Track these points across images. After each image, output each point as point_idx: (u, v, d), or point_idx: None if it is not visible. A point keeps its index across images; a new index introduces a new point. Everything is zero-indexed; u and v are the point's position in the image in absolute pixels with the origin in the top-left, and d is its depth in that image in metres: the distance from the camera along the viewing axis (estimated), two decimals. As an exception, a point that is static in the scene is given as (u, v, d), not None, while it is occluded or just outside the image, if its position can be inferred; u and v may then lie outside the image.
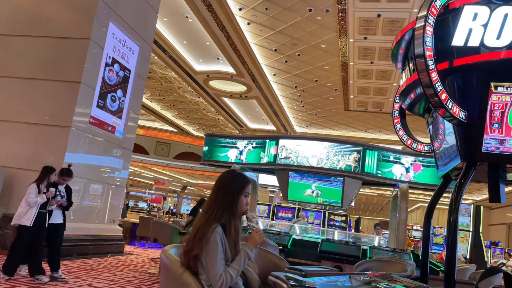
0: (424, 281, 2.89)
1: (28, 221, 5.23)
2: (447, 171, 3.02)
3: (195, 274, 2.19)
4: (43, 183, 5.45)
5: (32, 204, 5.26)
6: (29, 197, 5.26)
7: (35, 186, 5.38)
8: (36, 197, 5.28)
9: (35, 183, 5.41)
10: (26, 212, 5.27)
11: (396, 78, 13.41)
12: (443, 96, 2.38)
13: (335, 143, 8.27)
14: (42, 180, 5.47)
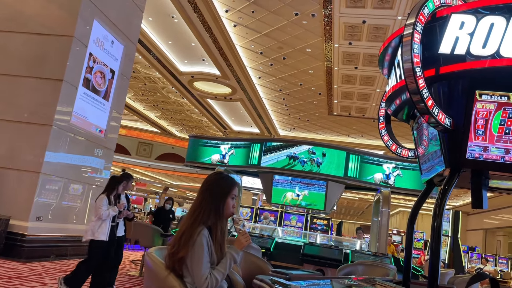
0: (407, 286, 2.92)
1: (104, 236, 4.94)
2: (431, 176, 3.06)
3: (180, 277, 2.16)
4: (112, 194, 5.13)
5: (105, 217, 4.95)
6: (101, 210, 4.93)
7: (105, 198, 5.05)
8: (108, 210, 4.97)
9: (105, 195, 5.07)
10: (99, 226, 4.95)
11: (379, 84, 13.59)
12: (430, 103, 2.41)
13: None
14: (111, 191, 5.14)
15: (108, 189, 5.13)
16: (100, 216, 4.92)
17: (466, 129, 2.49)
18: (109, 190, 5.12)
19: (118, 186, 5.20)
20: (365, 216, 39.50)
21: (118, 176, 5.39)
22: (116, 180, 5.26)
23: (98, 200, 5.04)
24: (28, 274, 5.78)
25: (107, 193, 5.08)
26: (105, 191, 5.12)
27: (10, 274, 5.58)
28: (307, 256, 6.52)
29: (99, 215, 4.93)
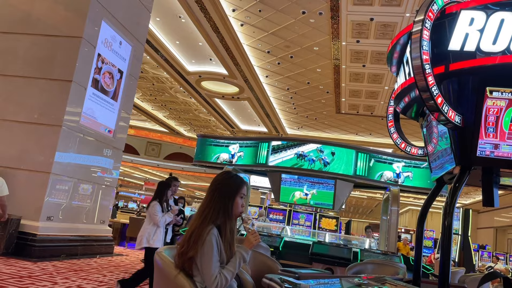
0: (417, 284, 2.90)
1: (160, 243, 4.93)
2: (441, 174, 3.03)
3: (190, 276, 2.17)
4: (164, 200, 5.07)
5: (161, 224, 4.92)
6: (157, 217, 4.89)
7: (158, 204, 4.98)
8: (164, 216, 4.93)
9: (156, 201, 5.01)
10: (154, 233, 4.91)
11: (387, 81, 13.51)
12: (439, 100, 2.39)
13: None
14: (162, 196, 5.07)
15: (159, 195, 5.06)
16: (157, 223, 4.87)
17: (476, 126, 2.47)
18: (160, 196, 5.05)
19: (167, 191, 5.14)
20: (374, 215, 39.32)
21: (166, 181, 5.30)
22: (165, 185, 5.18)
23: (151, 207, 4.97)
24: (39, 274, 5.84)
25: (159, 199, 5.01)
26: (156, 197, 5.04)
27: (21, 274, 5.64)
28: (316, 255, 6.50)
29: (155, 222, 4.87)
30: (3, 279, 5.12)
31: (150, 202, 5.04)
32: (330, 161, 8.10)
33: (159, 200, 5.01)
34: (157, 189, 5.17)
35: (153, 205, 4.97)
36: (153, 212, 4.91)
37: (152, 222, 4.92)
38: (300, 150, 8.27)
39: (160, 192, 5.09)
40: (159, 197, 5.04)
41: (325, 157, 8.10)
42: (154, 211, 4.91)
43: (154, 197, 5.10)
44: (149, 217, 4.97)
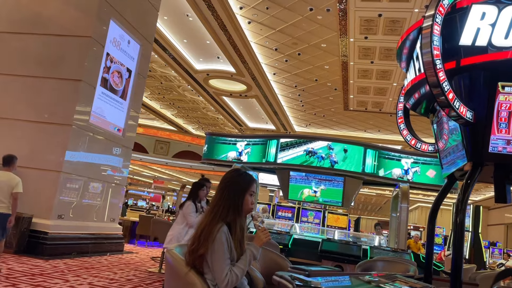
0: (429, 281, 2.88)
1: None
2: (452, 171, 3.00)
3: (200, 273, 2.18)
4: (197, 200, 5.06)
5: (194, 225, 4.84)
6: (191, 218, 4.86)
7: (192, 204, 4.97)
8: (197, 217, 4.90)
9: (191, 201, 5.00)
10: (185, 233, 4.91)
11: (396, 78, 13.41)
12: (450, 96, 2.37)
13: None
14: (195, 196, 5.07)
15: (193, 195, 5.06)
16: (191, 223, 4.85)
17: (488, 122, 2.44)
18: (194, 197, 5.05)
19: (200, 192, 5.13)
20: (383, 212, 39.13)
21: (199, 182, 5.30)
22: (199, 185, 5.17)
23: (185, 207, 4.96)
24: (51, 271, 5.90)
25: (192, 199, 5.01)
26: (190, 197, 5.04)
27: (33, 271, 5.71)
28: (325, 252, 6.49)
29: (189, 222, 4.85)
30: (16, 277, 5.19)
31: (184, 202, 5.02)
32: (338, 160, 8.06)
33: (193, 200, 4.99)
34: (191, 189, 5.15)
35: (187, 205, 4.94)
36: (188, 212, 4.87)
37: (185, 222, 4.88)
38: (310, 146, 8.25)
39: (195, 192, 5.08)
40: (193, 197, 5.02)
41: (333, 156, 8.07)
42: (188, 211, 4.87)
43: (188, 197, 5.08)
44: (182, 217, 4.94)
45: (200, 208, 5.05)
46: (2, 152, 7.78)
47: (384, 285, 2.38)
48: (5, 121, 8.00)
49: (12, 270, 5.60)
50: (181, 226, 4.94)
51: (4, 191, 5.25)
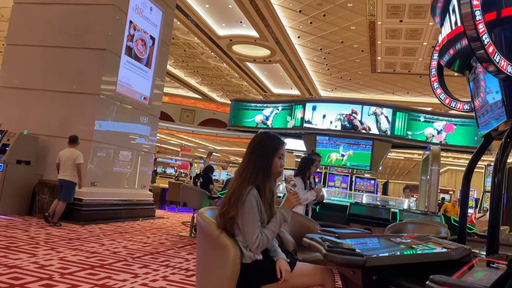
0: (462, 243, 2.83)
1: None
2: (489, 130, 2.88)
3: (232, 235, 2.20)
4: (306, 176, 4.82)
5: (303, 202, 4.70)
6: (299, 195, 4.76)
7: (301, 181, 4.74)
8: (306, 194, 4.70)
9: (299, 178, 4.76)
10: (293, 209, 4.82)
11: (426, 36, 12.85)
12: (490, 49, 2.22)
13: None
14: (305, 173, 4.82)
15: (302, 171, 4.81)
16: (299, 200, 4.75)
17: (531, 76, 2.29)
18: (303, 173, 4.81)
19: (311, 168, 4.88)
20: (411, 176, 38.68)
21: (310, 157, 5.05)
22: (310, 161, 4.93)
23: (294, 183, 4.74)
24: (87, 236, 6.15)
25: (301, 176, 4.78)
26: (299, 173, 4.81)
27: (71, 236, 5.97)
28: (353, 216, 6.46)
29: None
30: (55, 241, 5.43)
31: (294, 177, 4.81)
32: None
33: (302, 177, 4.76)
34: (301, 165, 4.91)
35: (297, 181, 4.74)
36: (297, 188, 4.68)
37: None
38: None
39: (304, 168, 4.83)
40: (303, 173, 4.79)
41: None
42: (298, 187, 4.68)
43: (297, 173, 4.85)
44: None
45: (309, 184, 4.80)
46: (35, 122, 8.03)
47: (417, 246, 2.35)
48: (35, 92, 8.18)
49: (51, 235, 5.87)
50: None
51: (69, 163, 6.79)
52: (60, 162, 6.84)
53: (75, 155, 6.83)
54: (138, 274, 4.23)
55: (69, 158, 6.81)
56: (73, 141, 7.01)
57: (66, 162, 6.79)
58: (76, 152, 6.89)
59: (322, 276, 2.19)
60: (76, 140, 7.03)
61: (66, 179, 6.78)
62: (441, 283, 1.46)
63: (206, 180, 8.63)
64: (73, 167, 6.79)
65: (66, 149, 6.96)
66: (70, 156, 6.82)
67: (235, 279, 2.09)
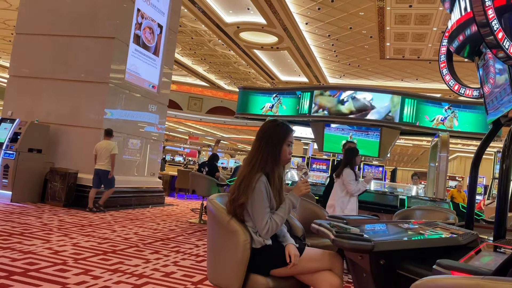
0: (470, 229, 2.85)
1: (354, 212, 4.76)
2: (498, 116, 2.87)
3: (241, 221, 2.24)
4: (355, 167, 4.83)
5: (355, 193, 4.73)
6: (351, 186, 4.66)
7: (351, 172, 4.74)
8: (358, 185, 4.72)
9: (349, 169, 4.75)
10: (348, 201, 4.74)
11: (436, 22, 12.67)
12: (500, 35, 2.21)
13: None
14: (353, 164, 4.79)
15: (350, 162, 4.80)
16: (351, 192, 4.68)
17: (540, 62, 2.27)
18: (351, 164, 4.80)
19: (356, 158, 4.89)
20: (419, 163, 38.50)
21: (355, 148, 5.07)
22: (354, 151, 4.93)
23: (345, 175, 4.72)
24: (99, 222, 6.27)
25: (350, 167, 4.77)
26: (347, 164, 4.79)
27: (83, 222, 6.08)
28: (361, 202, 6.45)
29: (350, 191, 4.68)
30: (67, 228, 5.54)
31: (343, 170, 4.78)
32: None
33: (351, 167, 4.76)
34: (347, 156, 4.89)
35: (347, 172, 4.71)
36: (348, 180, 4.66)
37: (345, 190, 4.69)
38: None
39: (351, 159, 4.82)
40: (350, 164, 4.77)
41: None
42: (348, 179, 4.66)
43: (344, 164, 4.81)
44: (342, 185, 4.73)
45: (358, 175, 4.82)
46: (45, 111, 8.11)
47: (424, 231, 2.37)
48: (45, 81, 8.26)
49: (63, 221, 5.99)
50: (342, 194, 4.72)
51: (104, 154, 7.33)
52: (96, 153, 7.36)
53: (111, 146, 7.39)
54: (150, 259, 4.32)
55: (105, 149, 7.34)
56: (109, 134, 7.56)
57: (103, 153, 7.32)
58: (112, 143, 7.45)
59: (330, 261, 2.23)
60: (111, 133, 7.57)
61: (102, 168, 7.33)
62: (448, 267, 1.49)
63: (211, 168, 8.69)
64: (109, 157, 7.33)
65: (103, 141, 7.49)
66: (107, 148, 7.36)
67: (245, 264, 2.14)
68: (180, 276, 3.84)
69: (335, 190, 4.86)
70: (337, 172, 4.85)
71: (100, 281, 3.41)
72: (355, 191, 4.70)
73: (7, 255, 3.86)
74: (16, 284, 3.10)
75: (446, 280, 1.14)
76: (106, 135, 7.58)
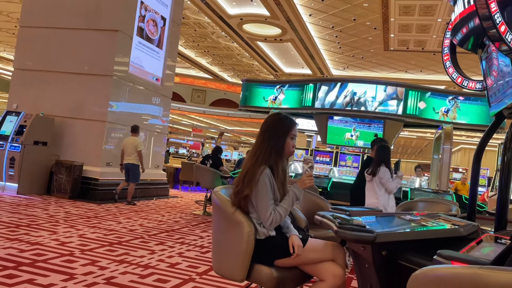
0: (472, 220, 2.87)
1: (394, 209, 4.75)
2: (500, 109, 2.88)
3: (246, 213, 2.28)
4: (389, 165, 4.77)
5: (394, 191, 4.73)
6: (390, 184, 4.64)
7: (387, 170, 4.69)
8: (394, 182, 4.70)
9: (385, 167, 4.69)
10: (388, 199, 4.70)
11: (440, 13, 12.58)
12: (502, 28, 2.21)
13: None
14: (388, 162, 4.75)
15: (384, 160, 4.75)
16: (391, 190, 4.67)
17: (543, 55, 2.28)
18: (387, 162, 4.76)
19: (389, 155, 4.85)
20: (423, 155, 38.42)
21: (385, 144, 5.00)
22: (388, 149, 4.89)
23: (382, 173, 4.66)
24: (104, 214, 6.34)
25: (386, 165, 4.72)
26: (381, 162, 4.73)
27: (88, 214, 6.15)
28: (364, 194, 6.52)
29: (390, 190, 4.66)
30: (73, 219, 5.61)
31: (378, 168, 4.72)
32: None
33: (387, 165, 4.72)
34: (382, 153, 4.83)
35: (384, 171, 4.66)
36: (386, 179, 4.63)
37: (383, 189, 4.67)
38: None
39: (386, 156, 4.79)
40: (386, 162, 4.74)
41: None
42: (386, 178, 4.63)
43: (378, 162, 4.75)
44: (379, 184, 4.68)
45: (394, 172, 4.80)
46: (49, 104, 8.16)
47: (426, 223, 2.40)
48: (49, 74, 8.30)
49: (69, 213, 6.06)
50: (381, 192, 4.67)
51: (132, 149, 7.73)
52: (124, 149, 7.80)
53: (136, 142, 7.80)
54: (155, 250, 4.38)
55: (131, 145, 7.77)
56: (134, 131, 7.98)
57: (129, 148, 7.75)
58: (137, 140, 7.88)
59: (333, 252, 2.27)
60: (136, 129, 7.99)
61: (130, 162, 7.76)
62: (448, 258, 1.52)
63: (215, 161, 8.73)
64: (136, 152, 7.74)
65: (129, 137, 7.94)
66: (132, 143, 7.78)
67: (249, 254, 2.18)
68: (185, 267, 3.89)
69: (374, 189, 4.76)
70: (372, 171, 4.77)
71: (106, 271, 3.47)
72: (395, 189, 4.68)
73: (15, 246, 3.93)
74: (25, 275, 3.16)
75: (445, 269, 1.17)
76: (132, 131, 7.98)
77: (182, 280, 3.47)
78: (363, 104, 7.92)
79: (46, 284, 3.00)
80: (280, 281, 2.19)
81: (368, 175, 4.78)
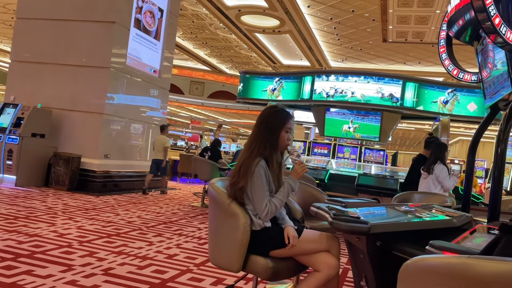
0: (466, 211, 2.90)
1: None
2: (495, 101, 2.90)
3: (242, 204, 2.30)
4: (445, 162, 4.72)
5: (451, 188, 4.70)
6: (448, 182, 4.60)
7: (444, 167, 4.63)
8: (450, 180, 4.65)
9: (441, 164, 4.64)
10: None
11: (439, 5, 12.54)
12: (497, 21, 2.22)
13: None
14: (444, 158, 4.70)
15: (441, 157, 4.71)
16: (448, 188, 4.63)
17: (537, 48, 2.29)
18: (442, 159, 4.71)
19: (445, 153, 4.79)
20: (421, 147, 38.46)
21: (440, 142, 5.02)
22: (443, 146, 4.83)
23: (440, 171, 4.63)
24: (103, 206, 6.36)
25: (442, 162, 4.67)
26: (437, 160, 4.69)
27: (86, 206, 6.18)
28: (361, 186, 6.56)
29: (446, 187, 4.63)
30: (72, 211, 5.64)
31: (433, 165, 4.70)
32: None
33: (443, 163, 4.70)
34: (437, 151, 4.81)
35: (441, 168, 4.64)
36: (444, 176, 4.60)
37: (439, 186, 4.65)
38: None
39: (441, 153, 4.75)
40: (442, 159, 4.71)
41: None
42: (444, 175, 4.59)
43: (434, 160, 4.71)
44: (436, 181, 4.67)
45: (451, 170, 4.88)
46: (46, 96, 8.15)
47: (421, 214, 2.43)
48: (46, 66, 8.27)
49: (68, 205, 6.09)
50: (436, 190, 4.65)
51: (159, 147, 8.60)
52: (154, 146, 8.71)
53: (164, 140, 8.71)
54: (153, 242, 4.41)
55: (160, 142, 8.63)
56: (162, 129, 8.90)
57: (158, 145, 8.60)
58: (165, 138, 8.80)
59: (328, 242, 2.29)
60: (164, 128, 8.92)
61: (159, 158, 8.60)
62: (440, 248, 1.55)
63: (214, 154, 8.74)
64: (163, 149, 8.59)
65: (159, 136, 8.87)
66: (161, 141, 8.65)
67: (245, 245, 2.21)
68: (183, 258, 3.93)
69: (428, 186, 4.74)
70: (428, 168, 4.75)
71: (104, 262, 3.50)
72: (452, 187, 4.67)
73: (13, 237, 3.96)
74: (23, 266, 3.19)
75: (434, 259, 1.19)
76: (161, 130, 8.90)
77: (180, 271, 3.51)
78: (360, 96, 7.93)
79: (44, 275, 3.03)
80: (275, 272, 2.22)
81: (424, 172, 4.77)
